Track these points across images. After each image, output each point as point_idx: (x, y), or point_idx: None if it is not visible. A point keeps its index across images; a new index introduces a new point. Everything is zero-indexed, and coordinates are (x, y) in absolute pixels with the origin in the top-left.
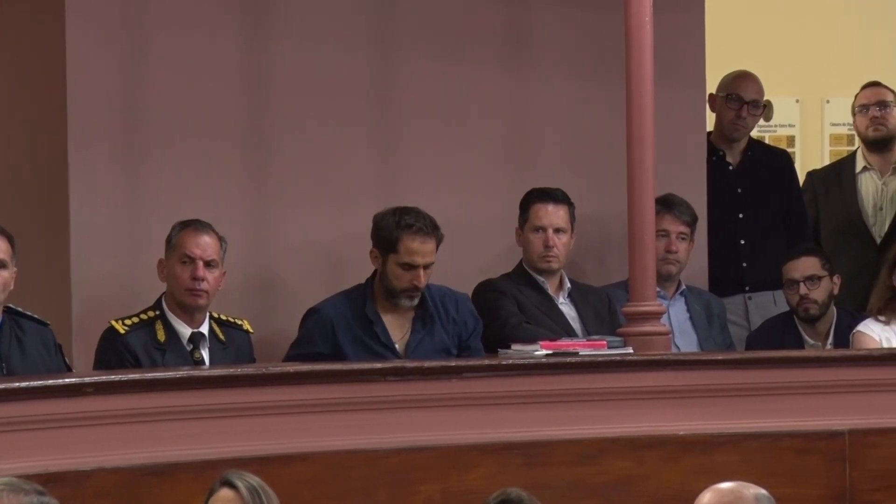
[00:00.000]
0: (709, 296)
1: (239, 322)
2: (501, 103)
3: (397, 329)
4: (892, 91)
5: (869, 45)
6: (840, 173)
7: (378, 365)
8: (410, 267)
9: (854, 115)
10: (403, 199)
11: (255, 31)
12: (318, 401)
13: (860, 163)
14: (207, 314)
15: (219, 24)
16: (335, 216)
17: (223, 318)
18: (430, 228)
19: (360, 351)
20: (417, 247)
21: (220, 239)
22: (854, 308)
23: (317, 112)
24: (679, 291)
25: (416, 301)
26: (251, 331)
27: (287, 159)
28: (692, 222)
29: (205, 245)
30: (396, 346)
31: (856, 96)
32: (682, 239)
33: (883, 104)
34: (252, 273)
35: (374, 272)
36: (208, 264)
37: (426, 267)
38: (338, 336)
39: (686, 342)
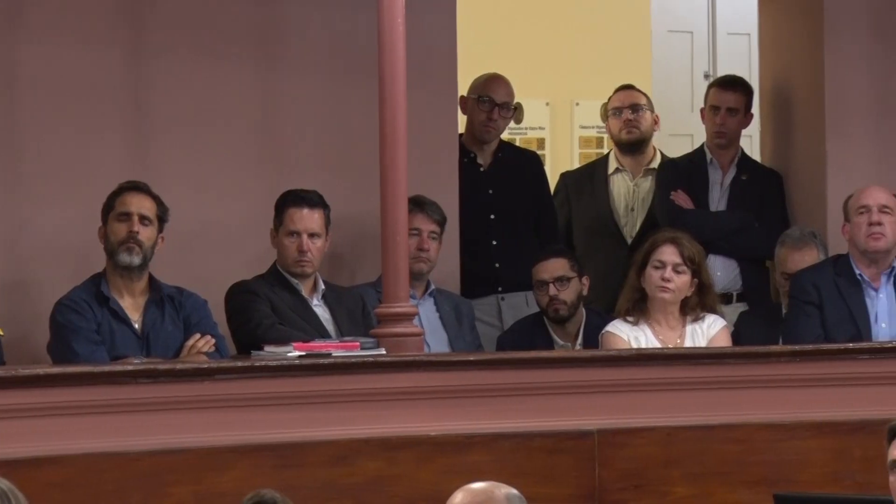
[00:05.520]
0: (457, 297)
1: None
2: (255, 103)
3: (133, 310)
4: (645, 94)
5: (617, 49)
6: (593, 174)
7: (129, 367)
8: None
9: (607, 117)
10: None
11: (5, 30)
12: (69, 403)
13: (612, 164)
14: None
15: None
16: (87, 217)
17: None
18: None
19: (105, 327)
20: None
21: None
22: (606, 307)
23: (68, 112)
24: (428, 292)
25: (133, 254)
26: (1, 332)
27: (38, 160)
28: (442, 222)
29: None
30: (135, 325)
31: (609, 99)
32: (433, 238)
33: (636, 107)
34: (2, 274)
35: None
36: None
37: (141, 219)
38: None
39: (437, 342)
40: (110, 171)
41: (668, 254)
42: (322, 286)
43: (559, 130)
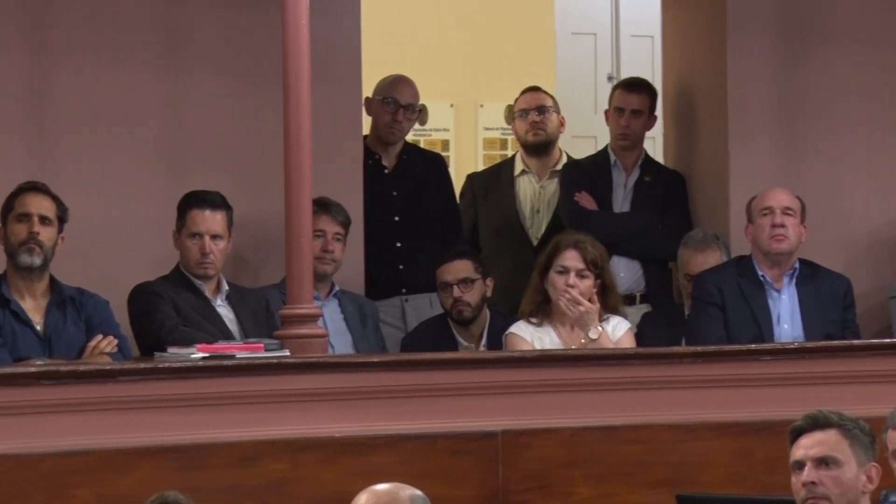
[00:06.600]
0: (361, 299)
1: None
2: (157, 104)
3: (35, 312)
4: (551, 96)
5: (520, 51)
6: (499, 176)
7: (32, 369)
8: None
9: (513, 119)
10: None
11: None
12: None
13: (519, 166)
14: None
15: None
16: None
17: None
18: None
19: (7, 329)
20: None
21: None
22: (512, 308)
23: None
24: (333, 293)
25: (34, 255)
26: None
27: None
28: (346, 224)
29: None
30: (37, 327)
31: (515, 101)
32: (338, 239)
33: (542, 109)
34: None
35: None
36: None
37: (41, 219)
38: None
39: (341, 343)
40: (10, 171)
41: (571, 259)
42: (226, 287)
43: (463, 132)
